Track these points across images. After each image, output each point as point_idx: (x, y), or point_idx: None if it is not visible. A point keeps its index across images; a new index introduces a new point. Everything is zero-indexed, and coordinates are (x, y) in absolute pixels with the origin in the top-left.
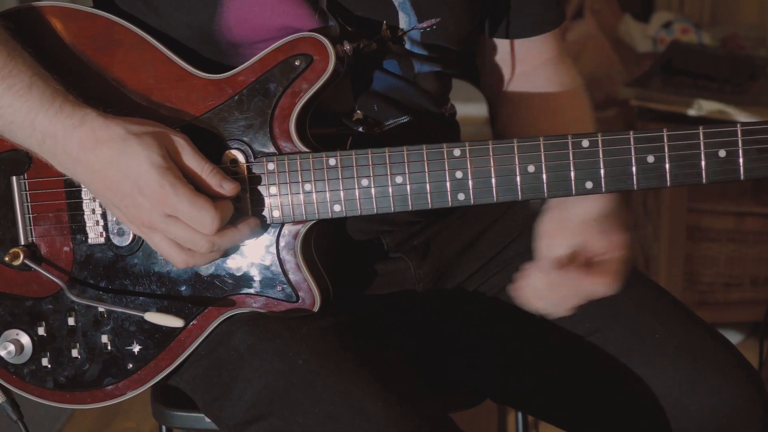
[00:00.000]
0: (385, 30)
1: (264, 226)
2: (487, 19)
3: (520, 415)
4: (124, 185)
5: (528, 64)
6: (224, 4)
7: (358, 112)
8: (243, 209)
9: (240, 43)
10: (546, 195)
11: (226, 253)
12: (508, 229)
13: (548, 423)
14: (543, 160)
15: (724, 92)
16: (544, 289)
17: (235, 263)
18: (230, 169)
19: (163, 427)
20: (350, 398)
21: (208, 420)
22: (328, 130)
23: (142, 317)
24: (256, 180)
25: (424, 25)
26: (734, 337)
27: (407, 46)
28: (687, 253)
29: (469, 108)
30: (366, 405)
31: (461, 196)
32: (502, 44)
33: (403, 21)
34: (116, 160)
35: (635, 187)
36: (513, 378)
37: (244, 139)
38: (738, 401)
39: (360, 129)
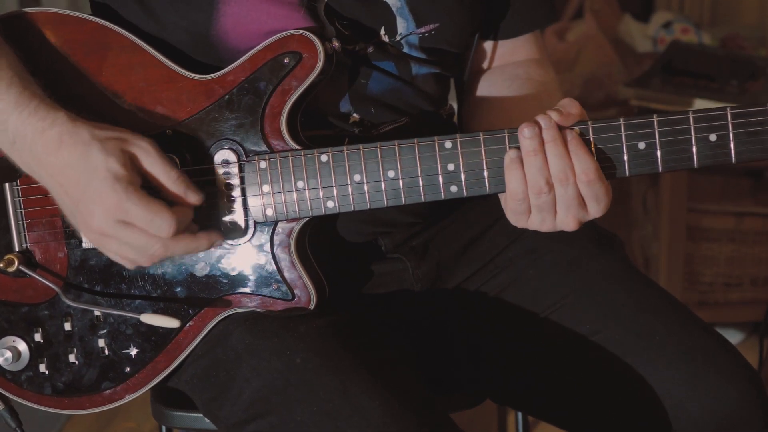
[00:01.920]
0: (383, 35)
1: (228, 236)
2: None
3: (520, 415)
4: (78, 189)
5: (508, 60)
6: (220, 8)
7: (355, 115)
8: (236, 208)
9: (237, 47)
10: None
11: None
12: (507, 231)
13: (548, 423)
14: None
15: (724, 92)
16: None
17: (229, 263)
18: (222, 169)
19: (163, 427)
20: (348, 396)
21: (207, 420)
22: (324, 133)
23: (138, 319)
24: (248, 179)
25: (423, 30)
26: (735, 337)
27: (405, 50)
28: (687, 253)
29: None
30: (364, 403)
31: (454, 189)
32: (484, 44)
33: (402, 26)
34: (75, 164)
35: (627, 173)
36: (513, 378)
37: (236, 138)
38: (738, 402)
39: (356, 131)
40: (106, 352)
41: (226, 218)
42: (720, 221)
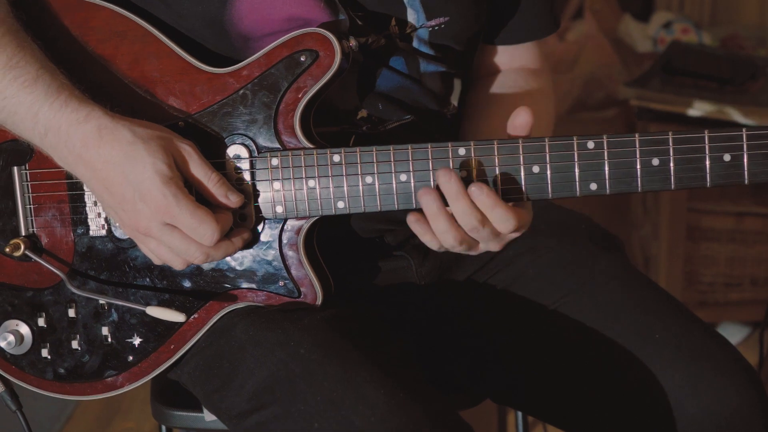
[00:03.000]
0: (394, 26)
1: (257, 235)
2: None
3: (520, 415)
4: (125, 189)
5: (507, 67)
6: None
7: (363, 110)
8: (246, 204)
9: (251, 34)
10: (550, 195)
11: None
12: None
13: (548, 423)
14: (548, 161)
15: (724, 92)
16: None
17: (237, 258)
18: (234, 164)
19: (163, 427)
20: (353, 385)
21: (208, 420)
22: (331, 129)
23: (144, 311)
24: (259, 175)
25: (433, 23)
26: (735, 336)
27: (414, 44)
28: (687, 253)
29: None
30: (369, 392)
31: None
32: (486, 48)
33: (412, 18)
34: (120, 162)
35: (639, 189)
36: (512, 378)
37: (249, 133)
38: (738, 403)
39: (364, 128)
40: (110, 340)
41: (236, 213)
42: (720, 221)
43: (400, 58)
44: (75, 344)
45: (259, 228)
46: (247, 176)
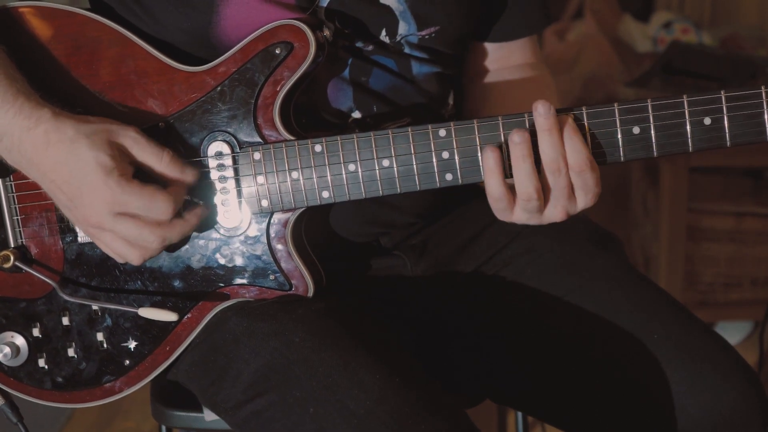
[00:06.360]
0: (384, 37)
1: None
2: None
3: (520, 415)
4: (73, 186)
5: (505, 64)
6: (220, 12)
7: (355, 113)
8: (231, 200)
9: None
10: None
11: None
12: (506, 230)
13: (547, 423)
14: None
15: None
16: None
17: (226, 255)
18: (216, 161)
19: (163, 427)
20: (348, 370)
21: (207, 419)
22: (325, 133)
23: (136, 313)
24: (242, 170)
25: (423, 33)
26: (740, 333)
27: (406, 50)
28: (687, 253)
29: None
30: (364, 377)
31: (449, 176)
32: (480, 47)
33: (403, 28)
34: (65, 161)
35: (622, 158)
36: (511, 378)
37: (229, 130)
38: (737, 402)
39: (357, 130)
40: (105, 345)
41: (222, 210)
42: (720, 221)
43: (390, 60)
44: (71, 352)
45: (246, 223)
46: (230, 172)
